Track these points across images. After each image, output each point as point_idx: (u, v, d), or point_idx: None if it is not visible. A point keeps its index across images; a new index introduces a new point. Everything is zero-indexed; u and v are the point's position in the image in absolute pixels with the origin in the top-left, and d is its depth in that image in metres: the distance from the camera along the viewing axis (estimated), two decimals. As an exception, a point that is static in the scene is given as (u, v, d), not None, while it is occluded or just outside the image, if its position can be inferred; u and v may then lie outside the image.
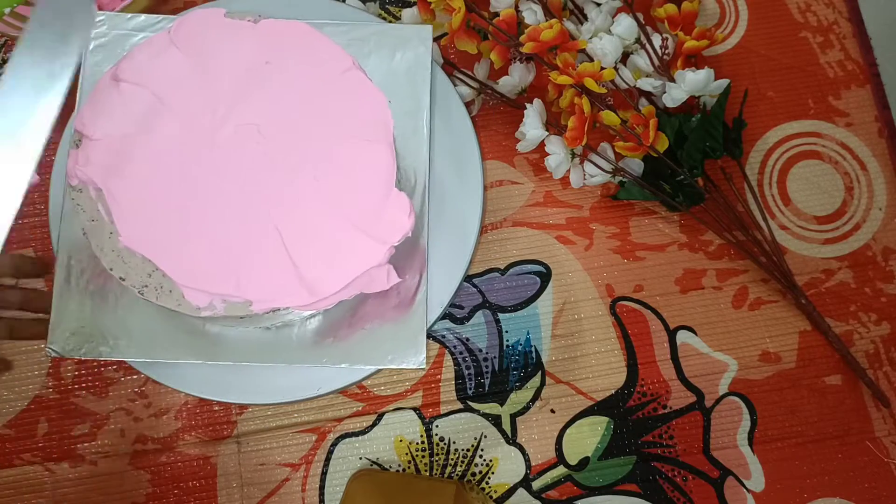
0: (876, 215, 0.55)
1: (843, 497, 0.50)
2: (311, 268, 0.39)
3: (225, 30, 0.43)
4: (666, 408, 0.51)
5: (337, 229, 0.40)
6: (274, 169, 0.41)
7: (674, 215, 0.55)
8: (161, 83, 0.42)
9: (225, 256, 0.39)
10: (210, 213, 0.40)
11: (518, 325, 0.52)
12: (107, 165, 0.40)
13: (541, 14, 0.51)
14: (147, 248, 0.39)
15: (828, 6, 0.59)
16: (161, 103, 0.41)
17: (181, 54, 0.42)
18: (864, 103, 0.57)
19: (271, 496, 0.49)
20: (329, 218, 0.40)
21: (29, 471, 0.49)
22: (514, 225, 0.54)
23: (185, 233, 0.39)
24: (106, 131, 0.40)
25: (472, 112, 0.55)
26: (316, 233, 0.40)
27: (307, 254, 0.39)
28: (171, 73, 0.42)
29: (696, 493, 0.50)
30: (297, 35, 0.43)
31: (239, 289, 0.38)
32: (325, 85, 0.43)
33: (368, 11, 0.52)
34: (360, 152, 0.41)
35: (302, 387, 0.45)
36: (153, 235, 0.39)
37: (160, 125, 0.41)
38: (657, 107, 0.52)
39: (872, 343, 0.53)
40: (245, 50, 0.43)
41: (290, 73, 0.43)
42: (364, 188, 0.41)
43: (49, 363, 0.51)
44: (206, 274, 0.39)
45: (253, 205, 0.40)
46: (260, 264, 0.39)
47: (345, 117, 0.42)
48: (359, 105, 0.42)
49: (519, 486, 0.50)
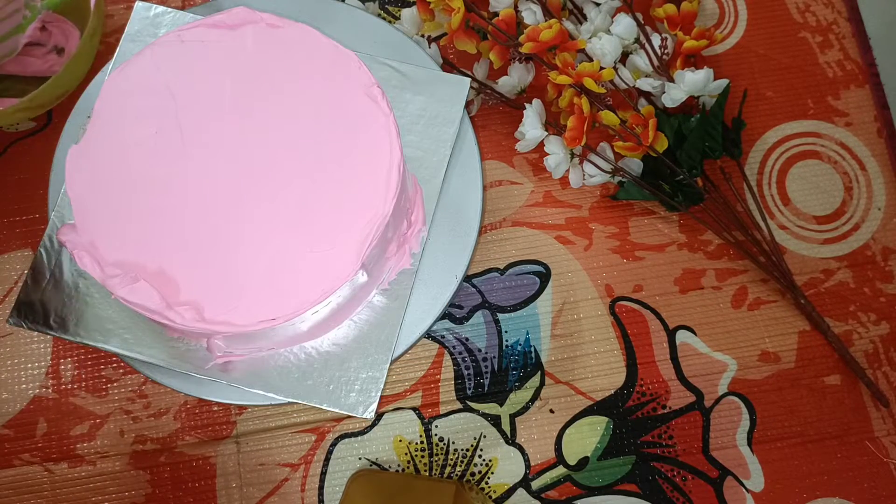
0: (875, 215, 0.55)
1: (842, 497, 0.50)
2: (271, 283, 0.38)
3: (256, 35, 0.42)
4: (665, 408, 0.51)
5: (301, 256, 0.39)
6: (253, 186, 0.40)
7: (673, 215, 0.55)
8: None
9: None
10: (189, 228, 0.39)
11: (517, 325, 0.52)
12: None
13: (540, 14, 0.51)
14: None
15: (827, 6, 0.60)
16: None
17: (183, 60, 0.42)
18: (863, 103, 0.58)
19: (270, 496, 0.49)
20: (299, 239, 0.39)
21: (28, 471, 0.49)
22: (514, 225, 0.54)
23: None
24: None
25: (472, 112, 0.55)
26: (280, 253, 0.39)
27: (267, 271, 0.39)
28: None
29: (695, 493, 0.50)
30: (322, 47, 0.42)
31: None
32: (336, 106, 0.41)
33: (368, 11, 0.52)
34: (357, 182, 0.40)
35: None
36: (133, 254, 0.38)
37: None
38: (656, 107, 0.52)
39: (872, 343, 0.53)
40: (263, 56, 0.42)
41: (303, 86, 0.41)
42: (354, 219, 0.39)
43: (49, 363, 0.51)
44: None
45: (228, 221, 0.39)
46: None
47: (348, 141, 0.41)
48: (367, 133, 0.41)
49: (518, 486, 0.50)
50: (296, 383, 0.43)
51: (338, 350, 0.43)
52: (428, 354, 0.52)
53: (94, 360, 0.51)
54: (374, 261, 0.40)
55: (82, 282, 0.44)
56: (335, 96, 0.40)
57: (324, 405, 0.43)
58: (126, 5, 0.58)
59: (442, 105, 0.47)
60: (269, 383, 0.43)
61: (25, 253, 0.53)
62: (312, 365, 0.43)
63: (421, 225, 0.45)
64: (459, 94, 0.48)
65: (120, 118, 0.40)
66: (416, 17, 0.53)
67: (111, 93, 0.40)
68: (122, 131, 0.40)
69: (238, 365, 0.43)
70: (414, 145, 0.47)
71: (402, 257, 0.44)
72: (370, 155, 0.39)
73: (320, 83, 0.41)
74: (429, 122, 0.47)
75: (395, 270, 0.45)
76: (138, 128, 0.40)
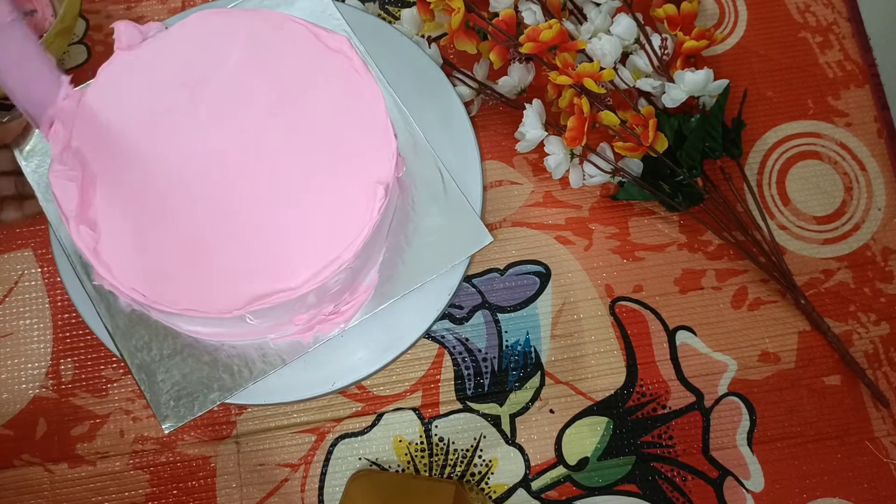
0: (875, 215, 0.55)
1: (842, 497, 0.50)
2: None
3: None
4: (665, 408, 0.51)
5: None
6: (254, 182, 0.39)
7: (673, 215, 0.55)
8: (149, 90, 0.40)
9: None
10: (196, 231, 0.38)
11: (517, 325, 0.52)
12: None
13: (540, 14, 0.51)
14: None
15: (827, 6, 0.60)
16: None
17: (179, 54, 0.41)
18: (863, 103, 0.57)
19: (270, 496, 0.49)
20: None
21: (28, 471, 0.49)
22: (514, 225, 0.54)
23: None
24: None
25: (472, 112, 0.55)
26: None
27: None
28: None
29: (695, 494, 0.50)
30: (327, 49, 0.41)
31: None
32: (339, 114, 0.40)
33: (368, 11, 0.52)
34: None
35: (304, 386, 0.45)
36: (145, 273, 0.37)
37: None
38: (656, 107, 0.52)
39: (872, 343, 0.53)
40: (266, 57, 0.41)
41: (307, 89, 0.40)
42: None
43: (49, 363, 0.51)
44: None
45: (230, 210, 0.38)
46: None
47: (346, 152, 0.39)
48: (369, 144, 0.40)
49: (518, 487, 0.50)
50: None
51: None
52: (428, 354, 0.52)
53: (94, 361, 0.51)
54: (275, 314, 0.39)
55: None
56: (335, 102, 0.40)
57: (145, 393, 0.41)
58: (126, 5, 0.58)
59: (451, 244, 0.44)
60: (139, 341, 0.41)
61: (25, 253, 0.53)
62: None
63: (344, 320, 0.42)
64: (474, 244, 0.44)
65: (117, 91, 0.40)
66: (416, 17, 0.53)
67: (109, 73, 0.40)
68: (119, 103, 0.40)
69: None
70: (403, 256, 0.44)
71: (304, 332, 0.42)
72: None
73: (322, 86, 0.41)
74: (430, 249, 0.44)
75: (289, 337, 0.42)
76: (138, 100, 0.40)
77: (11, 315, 0.52)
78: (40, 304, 0.52)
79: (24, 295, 0.52)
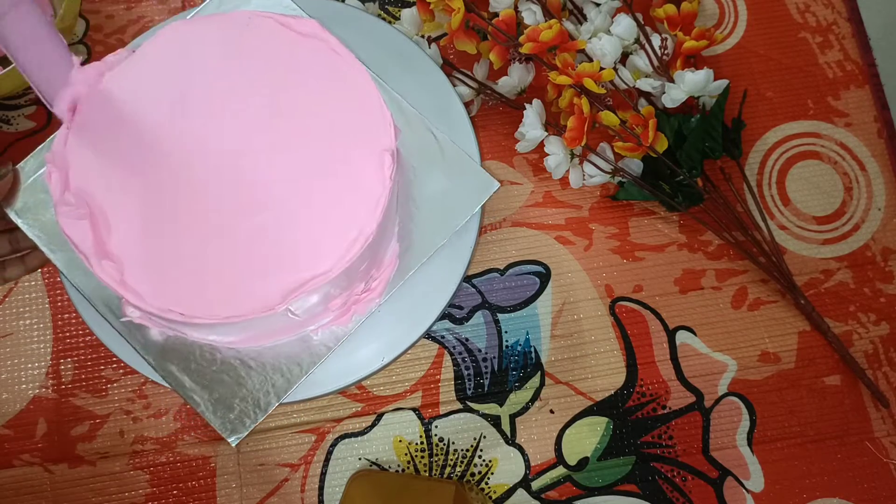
0: (875, 215, 0.55)
1: (842, 497, 0.50)
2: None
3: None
4: (665, 408, 0.51)
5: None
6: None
7: (673, 215, 0.55)
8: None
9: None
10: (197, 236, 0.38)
11: (517, 325, 0.52)
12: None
13: (540, 14, 0.51)
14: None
15: (827, 6, 0.60)
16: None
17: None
18: (863, 104, 0.58)
19: (270, 496, 0.49)
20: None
21: (28, 471, 0.49)
22: (514, 225, 0.54)
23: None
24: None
25: (472, 112, 0.55)
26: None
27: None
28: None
29: (695, 494, 0.50)
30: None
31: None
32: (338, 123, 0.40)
33: (368, 11, 0.52)
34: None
35: (305, 386, 0.45)
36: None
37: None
38: (656, 107, 0.52)
39: (871, 343, 0.53)
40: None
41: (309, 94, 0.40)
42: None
43: (49, 363, 0.51)
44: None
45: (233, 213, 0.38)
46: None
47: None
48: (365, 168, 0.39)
49: (518, 487, 0.50)
50: (205, 374, 0.41)
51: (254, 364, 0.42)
52: (428, 354, 0.52)
53: (94, 361, 0.51)
54: (316, 302, 0.39)
55: None
56: (333, 103, 0.40)
57: (205, 413, 0.41)
58: (126, 5, 0.58)
59: (460, 199, 0.44)
60: (181, 364, 0.41)
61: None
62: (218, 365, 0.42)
63: (376, 296, 0.43)
64: (483, 193, 0.44)
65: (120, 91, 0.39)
66: (416, 17, 0.53)
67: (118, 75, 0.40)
68: (120, 105, 0.39)
69: (154, 334, 0.41)
70: (416, 221, 0.44)
71: (341, 316, 0.42)
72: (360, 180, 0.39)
73: (321, 87, 0.41)
74: (441, 208, 0.44)
75: (327, 325, 0.43)
76: (139, 98, 0.40)
77: (11, 315, 0.52)
78: (40, 304, 0.52)
79: (24, 295, 0.52)
